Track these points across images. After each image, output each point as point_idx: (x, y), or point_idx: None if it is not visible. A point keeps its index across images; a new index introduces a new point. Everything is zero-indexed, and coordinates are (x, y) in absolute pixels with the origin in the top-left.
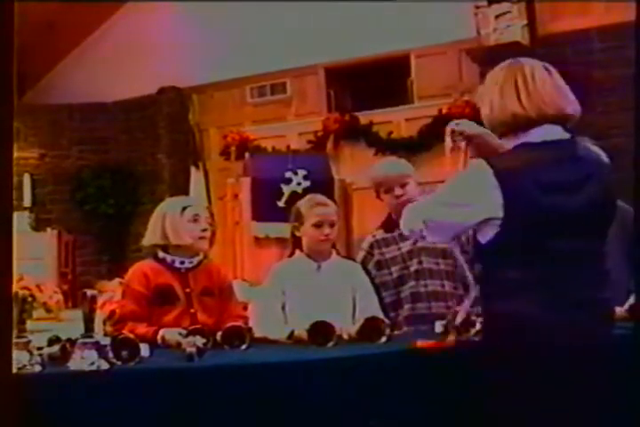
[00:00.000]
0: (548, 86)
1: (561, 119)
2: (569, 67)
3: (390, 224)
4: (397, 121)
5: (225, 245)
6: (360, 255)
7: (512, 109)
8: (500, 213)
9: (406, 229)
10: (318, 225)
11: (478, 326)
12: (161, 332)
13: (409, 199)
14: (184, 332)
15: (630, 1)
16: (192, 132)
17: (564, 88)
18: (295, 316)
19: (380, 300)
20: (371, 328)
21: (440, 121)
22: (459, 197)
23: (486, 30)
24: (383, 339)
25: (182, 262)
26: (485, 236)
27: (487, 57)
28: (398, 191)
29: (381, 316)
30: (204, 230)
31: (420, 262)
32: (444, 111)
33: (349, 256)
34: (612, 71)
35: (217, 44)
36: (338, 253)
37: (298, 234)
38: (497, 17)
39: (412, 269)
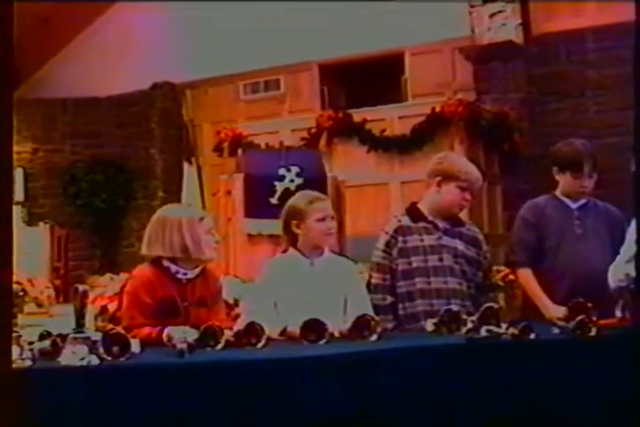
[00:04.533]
0: None
1: None
2: (562, 66)
3: (417, 214)
4: (391, 119)
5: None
6: (383, 239)
7: None
8: None
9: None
10: (322, 219)
11: (470, 325)
12: (166, 330)
13: None
14: (192, 330)
15: (624, 1)
16: (185, 128)
17: None
18: (288, 312)
19: (393, 287)
20: (362, 326)
21: (433, 119)
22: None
23: (480, 29)
24: (374, 337)
25: (185, 273)
26: None
27: (481, 55)
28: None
29: (372, 314)
30: (217, 242)
31: (441, 259)
32: (437, 109)
33: (342, 253)
34: (605, 71)
35: (211, 40)
36: (330, 250)
37: (298, 231)
38: (491, 16)
39: (431, 264)
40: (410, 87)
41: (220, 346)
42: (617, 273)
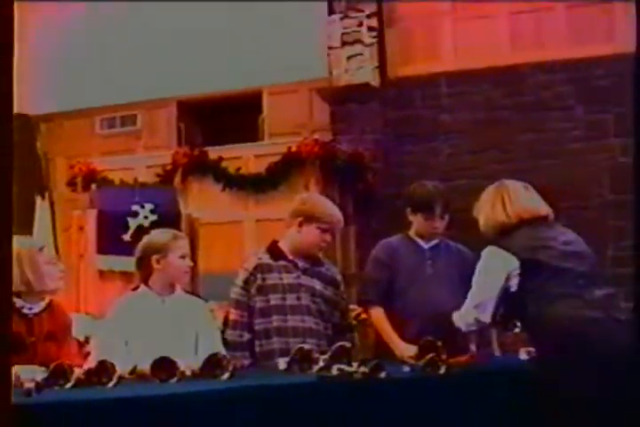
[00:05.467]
0: (525, 199)
1: (538, 219)
2: (417, 110)
3: (278, 252)
4: (247, 157)
5: (69, 278)
6: (242, 276)
7: (501, 219)
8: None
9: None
10: (183, 257)
11: (321, 363)
12: (13, 369)
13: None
14: (40, 369)
15: (479, 48)
16: (39, 161)
17: (537, 198)
18: (138, 351)
19: (251, 325)
20: (213, 364)
21: (288, 158)
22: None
23: (338, 71)
24: (226, 375)
25: (30, 308)
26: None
27: (338, 97)
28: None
29: (224, 352)
30: (62, 271)
31: (299, 298)
32: (293, 149)
33: (194, 292)
34: (458, 115)
35: (68, 73)
36: (182, 289)
37: (158, 267)
38: (349, 58)
39: (288, 302)
40: (267, 126)
41: (69, 384)
42: (466, 318)
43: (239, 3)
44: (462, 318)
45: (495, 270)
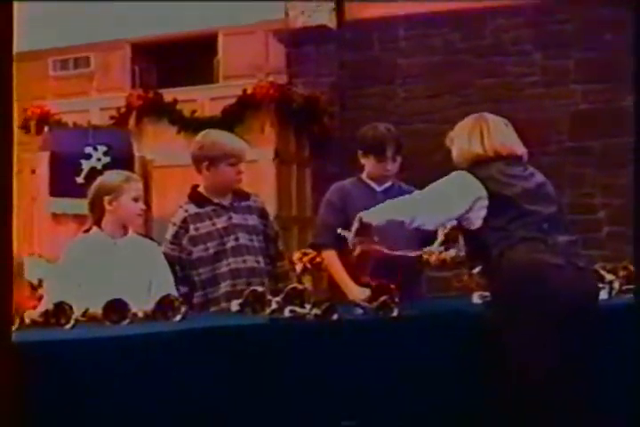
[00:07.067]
0: (503, 135)
1: (512, 157)
2: (375, 53)
3: (201, 199)
4: (202, 100)
5: (21, 222)
6: (171, 230)
7: (476, 151)
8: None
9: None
10: (136, 199)
11: (274, 305)
12: None
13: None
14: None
15: None
16: None
17: (514, 136)
18: (91, 293)
19: (186, 277)
20: (166, 306)
21: (244, 101)
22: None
23: (294, 12)
24: (178, 317)
25: None
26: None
27: (294, 39)
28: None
29: (176, 294)
30: None
31: (237, 239)
32: (248, 92)
33: (146, 234)
34: (415, 59)
35: (19, 14)
36: (135, 232)
37: (109, 208)
38: None
39: (229, 245)
40: (222, 68)
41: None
42: (389, 213)
43: None
44: (388, 208)
45: (460, 189)
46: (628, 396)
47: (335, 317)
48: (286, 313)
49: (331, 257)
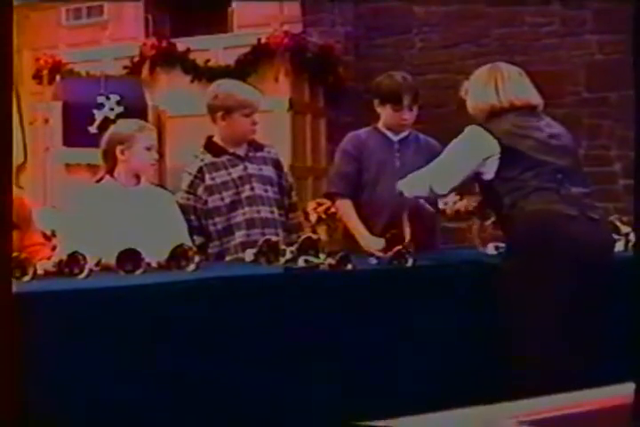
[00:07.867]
0: (518, 85)
1: (527, 108)
2: (390, 2)
3: (217, 149)
4: (215, 49)
5: (35, 172)
6: (186, 180)
7: (491, 102)
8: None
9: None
10: (149, 148)
11: (288, 255)
12: None
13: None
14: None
15: None
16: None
17: (530, 86)
18: (104, 243)
19: (201, 227)
20: (179, 256)
21: (258, 50)
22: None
23: None
24: (192, 267)
25: None
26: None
27: None
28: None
29: (189, 243)
30: None
31: (252, 189)
32: (262, 41)
33: (160, 184)
34: (432, 8)
35: None
36: (148, 181)
37: (122, 158)
38: None
39: (244, 195)
40: (236, 18)
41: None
42: (417, 183)
43: None
44: (412, 182)
45: (473, 148)
46: None
47: (349, 266)
48: (300, 263)
49: (345, 206)
